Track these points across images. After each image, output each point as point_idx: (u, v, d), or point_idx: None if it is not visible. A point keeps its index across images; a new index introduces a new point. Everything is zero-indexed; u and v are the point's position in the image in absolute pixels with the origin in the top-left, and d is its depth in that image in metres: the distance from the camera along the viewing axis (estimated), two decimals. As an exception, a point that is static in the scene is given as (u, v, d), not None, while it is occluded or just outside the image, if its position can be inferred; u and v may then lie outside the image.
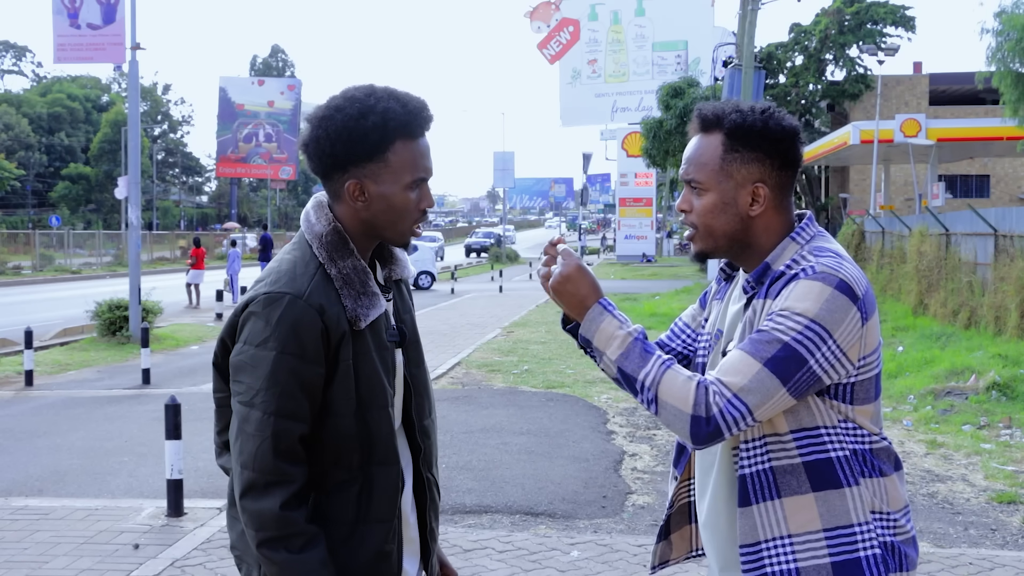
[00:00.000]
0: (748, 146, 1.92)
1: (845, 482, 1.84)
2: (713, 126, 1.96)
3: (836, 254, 1.88)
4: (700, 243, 1.99)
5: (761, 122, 1.93)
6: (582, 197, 49.35)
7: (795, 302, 1.80)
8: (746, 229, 1.95)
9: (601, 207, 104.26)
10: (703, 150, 1.96)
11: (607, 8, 50.11)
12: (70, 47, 15.56)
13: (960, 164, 43.62)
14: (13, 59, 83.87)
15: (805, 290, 1.80)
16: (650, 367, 1.82)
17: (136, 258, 15.04)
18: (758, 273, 1.93)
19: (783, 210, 1.96)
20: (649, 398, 1.81)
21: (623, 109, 49.89)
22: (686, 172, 1.98)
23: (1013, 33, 19.28)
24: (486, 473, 6.97)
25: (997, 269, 13.04)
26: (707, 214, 1.95)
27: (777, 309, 1.82)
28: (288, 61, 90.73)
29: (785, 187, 1.96)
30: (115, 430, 8.88)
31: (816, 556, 1.83)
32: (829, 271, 1.81)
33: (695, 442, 1.79)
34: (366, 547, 1.93)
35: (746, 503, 1.87)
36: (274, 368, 1.84)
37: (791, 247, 1.93)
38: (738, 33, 22.34)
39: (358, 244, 1.99)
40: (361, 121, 1.90)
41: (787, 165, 1.95)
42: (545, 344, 14.56)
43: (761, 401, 1.77)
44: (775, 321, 1.80)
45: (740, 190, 1.93)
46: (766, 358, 1.77)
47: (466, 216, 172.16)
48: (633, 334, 1.86)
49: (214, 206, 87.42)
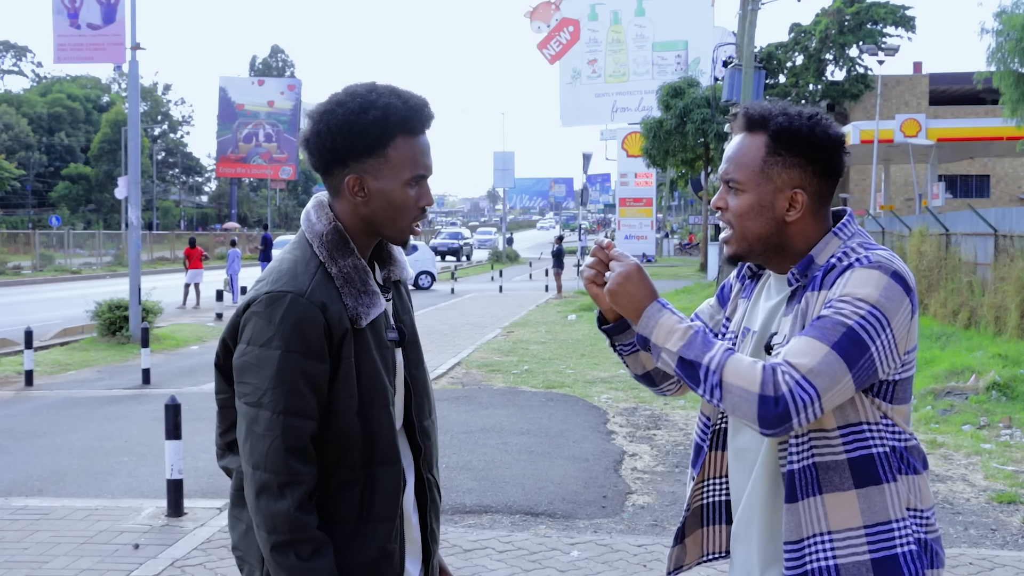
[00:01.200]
0: (791, 151, 1.90)
1: (885, 478, 1.85)
2: (758, 127, 1.94)
3: (886, 248, 1.90)
4: (735, 245, 1.97)
5: (808, 128, 1.90)
6: (582, 197, 49.26)
7: (856, 288, 1.79)
8: (780, 233, 1.93)
9: (601, 207, 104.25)
10: (745, 150, 1.94)
11: (607, 8, 50.10)
12: (70, 47, 15.56)
13: (960, 164, 43.64)
14: (13, 59, 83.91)
15: (864, 277, 1.80)
16: (714, 352, 1.81)
17: (136, 258, 15.04)
18: (803, 266, 1.91)
19: (820, 218, 1.95)
20: (714, 382, 1.78)
21: (623, 109, 49.89)
22: (726, 171, 1.96)
23: (1013, 33, 19.29)
24: (486, 473, 6.98)
25: (997, 269, 13.04)
26: (742, 215, 1.94)
27: (837, 296, 1.81)
28: (288, 61, 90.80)
29: (824, 196, 1.95)
30: (115, 430, 8.88)
31: (856, 553, 1.83)
32: (885, 260, 1.82)
33: (763, 425, 1.75)
34: (369, 546, 1.94)
35: (792, 499, 1.86)
36: (280, 367, 1.84)
37: (834, 242, 1.92)
38: (738, 33, 22.33)
39: (358, 243, 2.00)
40: (362, 115, 1.91)
41: (828, 174, 1.93)
42: (545, 344, 14.56)
43: (829, 385, 1.74)
44: (836, 307, 1.79)
45: (778, 194, 1.91)
46: (833, 341, 1.75)
47: (466, 216, 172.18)
48: (694, 327, 1.85)
49: (214, 206, 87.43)
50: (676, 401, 9.63)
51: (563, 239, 30.20)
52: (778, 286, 2.01)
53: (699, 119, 32.98)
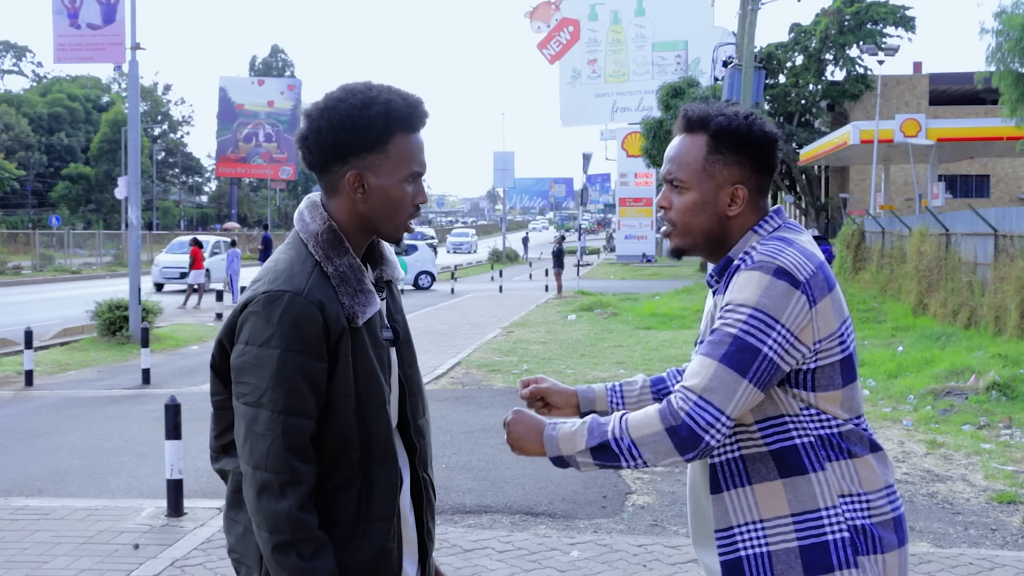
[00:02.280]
0: (731, 149, 1.99)
1: (810, 467, 1.88)
2: (698, 127, 2.02)
3: (781, 240, 1.93)
4: (677, 239, 2.06)
5: (745, 127, 1.99)
6: (582, 197, 49.24)
7: (737, 294, 1.86)
8: (723, 228, 2.01)
9: (601, 207, 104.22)
10: (687, 150, 2.03)
11: (607, 8, 50.11)
12: (70, 47, 15.56)
13: (960, 164, 43.62)
14: (13, 59, 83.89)
15: (745, 280, 1.86)
16: (612, 424, 1.89)
17: (136, 258, 15.04)
18: (720, 268, 1.99)
19: (758, 211, 2.03)
20: (628, 445, 1.86)
21: (623, 109, 49.90)
22: (668, 171, 2.04)
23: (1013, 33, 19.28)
24: (486, 473, 6.98)
25: (997, 269, 13.04)
26: (687, 212, 2.02)
27: (724, 304, 1.88)
28: (288, 61, 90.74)
29: (762, 189, 2.04)
30: (115, 430, 8.88)
31: (785, 540, 1.87)
32: (767, 259, 1.86)
33: (683, 453, 1.82)
34: (368, 545, 1.94)
35: (717, 490, 1.93)
36: (280, 366, 1.84)
37: (751, 239, 1.99)
38: (738, 33, 22.34)
39: (353, 242, 2.00)
40: (365, 111, 1.92)
41: (766, 169, 2.03)
42: (545, 344, 14.56)
43: (726, 398, 1.80)
44: (723, 317, 1.86)
45: (720, 191, 2.00)
46: (720, 354, 1.82)
47: (466, 216, 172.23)
48: (585, 421, 1.93)
49: (214, 206, 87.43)
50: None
51: (564, 239, 30.20)
52: None
53: (699, 119, 32.93)
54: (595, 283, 30.59)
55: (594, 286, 28.37)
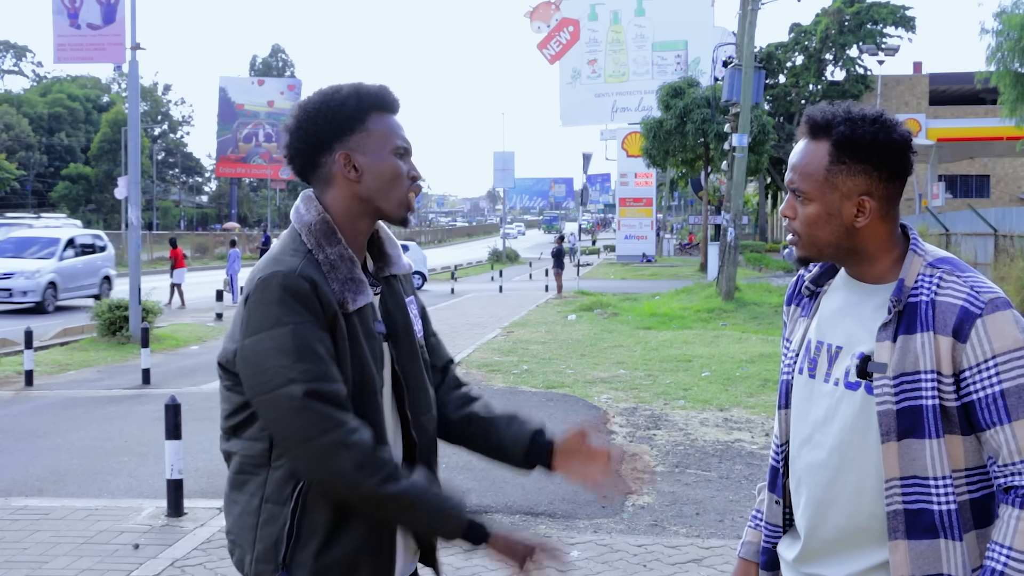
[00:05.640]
0: (855, 158, 1.87)
1: None
2: (821, 133, 1.90)
3: (954, 264, 1.88)
4: (803, 250, 1.95)
5: (871, 134, 1.86)
6: (582, 197, 49.24)
7: (1005, 342, 1.76)
8: (851, 239, 1.91)
9: (601, 207, 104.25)
10: (809, 158, 1.90)
11: (607, 8, 50.13)
12: (70, 47, 15.56)
13: (960, 164, 43.65)
14: (13, 59, 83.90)
15: (1001, 326, 1.77)
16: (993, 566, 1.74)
17: (136, 258, 15.05)
18: (898, 292, 1.87)
19: (889, 220, 1.93)
20: None
21: (623, 109, 49.92)
22: (791, 180, 1.94)
23: (1012, 33, 19.30)
24: (486, 473, 6.97)
25: (997, 269, 13.05)
26: (811, 224, 1.91)
27: (991, 360, 1.76)
28: (288, 61, 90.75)
29: (892, 198, 1.93)
30: (115, 430, 8.88)
31: None
32: (993, 294, 1.80)
33: None
34: (360, 535, 1.94)
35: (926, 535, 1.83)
36: (294, 341, 1.85)
37: (916, 261, 1.90)
38: (738, 33, 22.34)
39: (348, 232, 2.02)
40: (335, 94, 2.01)
41: (896, 176, 1.91)
42: (545, 344, 14.56)
43: None
44: (1005, 373, 1.76)
45: (845, 202, 1.88)
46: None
47: (466, 216, 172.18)
48: None
49: (214, 206, 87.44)
50: (676, 401, 9.64)
51: (564, 239, 30.23)
52: (849, 295, 1.97)
53: (699, 119, 32.99)
54: (595, 283, 30.61)
55: (594, 286, 28.38)
